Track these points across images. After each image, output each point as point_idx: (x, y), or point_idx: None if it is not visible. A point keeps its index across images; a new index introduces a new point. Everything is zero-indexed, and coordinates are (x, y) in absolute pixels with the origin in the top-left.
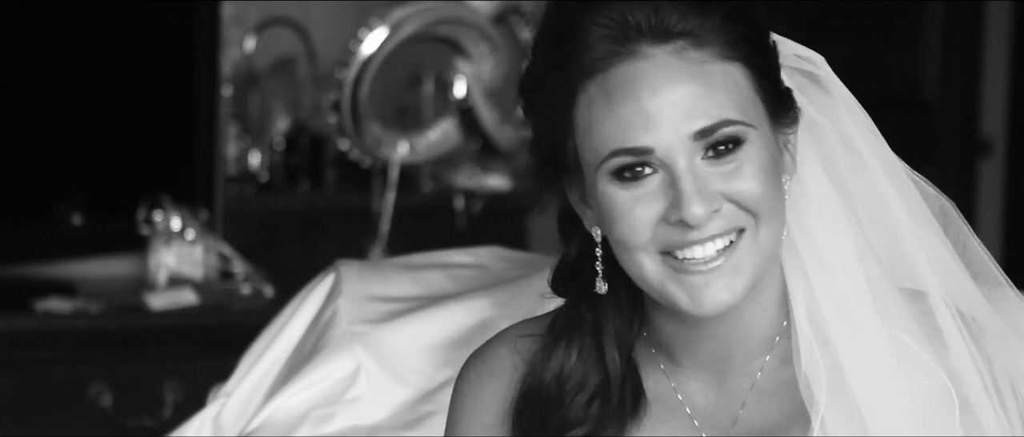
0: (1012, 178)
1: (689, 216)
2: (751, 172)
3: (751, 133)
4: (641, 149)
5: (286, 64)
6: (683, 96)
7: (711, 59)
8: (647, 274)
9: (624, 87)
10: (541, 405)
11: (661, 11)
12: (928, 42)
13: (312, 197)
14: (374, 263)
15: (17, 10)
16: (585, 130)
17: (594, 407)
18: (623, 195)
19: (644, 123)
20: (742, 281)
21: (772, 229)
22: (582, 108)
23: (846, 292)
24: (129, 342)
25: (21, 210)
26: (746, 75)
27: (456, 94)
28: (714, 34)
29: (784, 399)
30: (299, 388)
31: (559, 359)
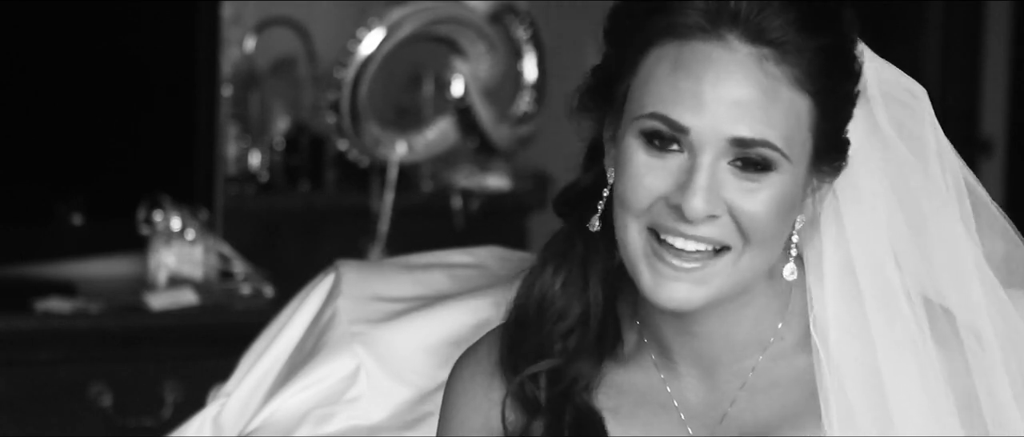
0: (1012, 178)
1: (689, 207)
2: (765, 199)
3: (784, 166)
4: (679, 125)
5: (286, 64)
6: (742, 100)
7: (786, 80)
8: (629, 239)
9: (693, 64)
10: (522, 327)
11: (765, 12)
12: (928, 42)
13: (312, 197)
14: (374, 263)
15: (17, 10)
16: (642, 81)
17: (570, 339)
18: (643, 157)
19: (695, 105)
20: (703, 293)
21: (756, 260)
22: (651, 60)
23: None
24: (129, 342)
25: (21, 210)
26: (810, 111)
27: (454, 93)
28: (801, 59)
29: (775, 399)
30: (299, 388)
31: (545, 283)
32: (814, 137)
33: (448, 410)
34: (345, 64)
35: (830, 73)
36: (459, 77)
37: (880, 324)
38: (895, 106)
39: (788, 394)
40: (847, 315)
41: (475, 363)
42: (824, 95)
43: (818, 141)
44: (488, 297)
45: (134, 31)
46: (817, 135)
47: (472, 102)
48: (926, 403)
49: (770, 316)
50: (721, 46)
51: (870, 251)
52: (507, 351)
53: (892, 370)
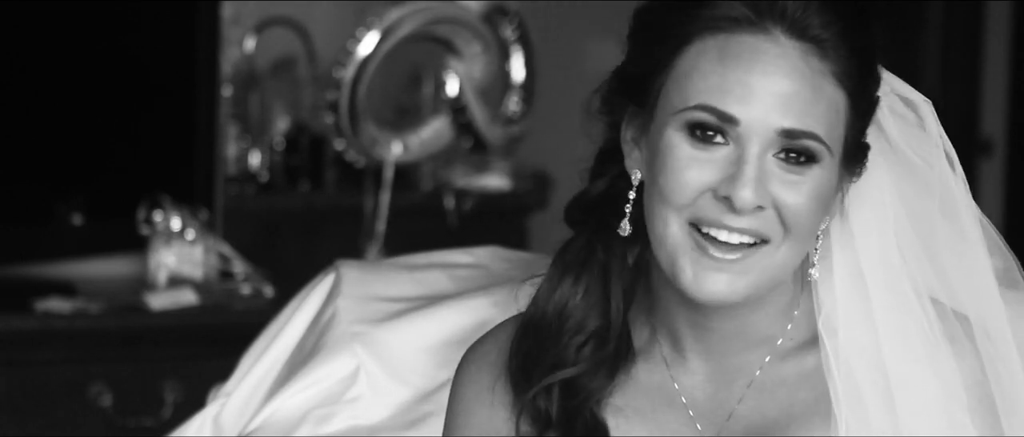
0: (1012, 178)
1: (738, 198)
2: (809, 192)
3: (827, 159)
4: (729, 116)
5: (286, 64)
6: (790, 92)
7: (828, 76)
8: (669, 234)
9: (741, 56)
10: (538, 338)
11: (808, 10)
12: (928, 42)
13: (312, 197)
14: (374, 263)
15: (17, 10)
16: (683, 75)
17: (587, 350)
18: (687, 150)
19: (744, 95)
20: (744, 284)
21: (793, 252)
22: (691, 55)
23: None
24: (129, 342)
25: (21, 210)
26: (847, 108)
27: (449, 93)
28: (841, 55)
29: (782, 398)
30: (299, 388)
31: (564, 293)
32: (846, 134)
33: (455, 403)
34: (344, 64)
35: (862, 74)
36: (454, 77)
37: (887, 322)
38: (898, 115)
39: (795, 393)
40: (855, 314)
41: (481, 357)
42: (857, 93)
43: (849, 139)
44: (488, 297)
45: (134, 31)
46: (849, 132)
47: (467, 102)
48: (935, 401)
49: (782, 314)
50: (768, 39)
51: (876, 251)
52: (521, 360)
53: (899, 368)
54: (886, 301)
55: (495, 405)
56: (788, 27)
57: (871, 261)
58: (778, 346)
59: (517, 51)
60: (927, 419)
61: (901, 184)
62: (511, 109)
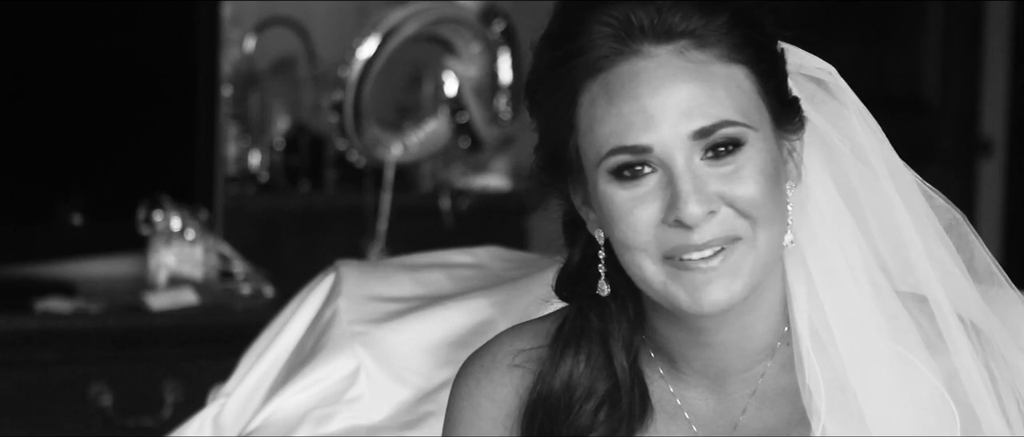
0: (1012, 178)
1: (686, 215)
2: (751, 175)
3: (752, 135)
4: (640, 147)
5: (286, 64)
6: (684, 96)
7: (714, 60)
8: (648, 276)
9: (625, 86)
10: (550, 414)
11: (664, 11)
12: (928, 42)
13: (312, 197)
14: (374, 263)
15: (17, 10)
16: (586, 129)
17: (602, 414)
18: (622, 195)
19: (644, 122)
20: (740, 283)
21: (770, 235)
22: (584, 107)
23: (850, 299)
24: (129, 342)
25: (21, 210)
26: (750, 78)
27: (447, 93)
28: (718, 36)
29: (784, 405)
30: (299, 388)
31: (568, 367)
32: (765, 100)
33: (454, 414)
34: (349, 64)
35: (749, 37)
36: (452, 77)
37: (840, 319)
38: (815, 91)
39: (797, 402)
40: (818, 314)
41: (479, 368)
42: (755, 59)
43: (771, 101)
44: (488, 297)
45: (134, 31)
46: (767, 96)
47: (466, 102)
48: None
49: (777, 317)
50: (641, 58)
51: (821, 246)
52: (539, 433)
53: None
54: (841, 302)
55: (496, 415)
56: (653, 36)
57: (821, 259)
58: (777, 351)
59: (504, 52)
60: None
61: (832, 166)
62: (501, 110)
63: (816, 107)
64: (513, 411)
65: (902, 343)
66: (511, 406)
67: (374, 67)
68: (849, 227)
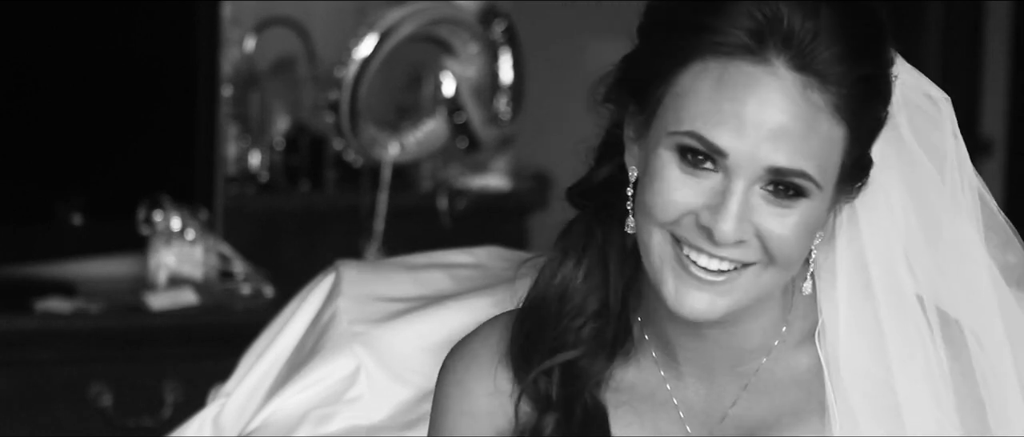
0: (1012, 178)
1: (719, 231)
2: (794, 224)
3: (816, 194)
4: (717, 147)
5: (286, 64)
6: (783, 128)
7: (826, 110)
8: (653, 247)
9: (737, 85)
10: (539, 320)
11: (817, 39)
12: (928, 42)
13: (312, 197)
14: (374, 263)
15: (17, 10)
16: (679, 94)
17: (586, 333)
18: (675, 172)
19: (735, 128)
20: (726, 303)
21: (778, 277)
22: (691, 74)
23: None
24: (129, 342)
25: (21, 210)
26: (845, 138)
27: (445, 93)
28: (841, 88)
29: (775, 398)
30: (299, 388)
31: (566, 275)
32: (843, 162)
33: (442, 400)
34: (345, 64)
35: (867, 101)
36: (450, 77)
37: (891, 324)
38: (916, 112)
39: (788, 393)
40: (857, 315)
41: (467, 353)
42: (859, 122)
43: (847, 168)
44: (488, 297)
45: (134, 31)
46: (847, 162)
47: (464, 103)
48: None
49: (775, 323)
50: (767, 70)
51: (884, 254)
52: (522, 340)
53: (902, 370)
54: (889, 302)
55: (494, 394)
56: (791, 58)
57: (876, 262)
58: (775, 348)
59: (505, 52)
60: (925, 421)
61: (913, 184)
62: (501, 110)
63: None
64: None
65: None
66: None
67: (371, 67)
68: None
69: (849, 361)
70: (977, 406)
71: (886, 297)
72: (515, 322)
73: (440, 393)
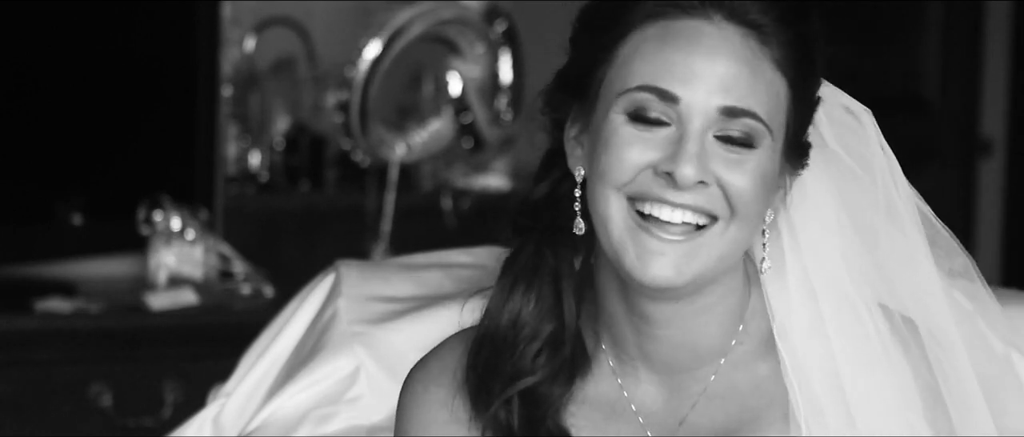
0: (1012, 178)
1: (680, 174)
2: (751, 172)
3: (767, 142)
4: (670, 94)
5: (286, 64)
6: (731, 73)
7: (767, 60)
8: (611, 216)
9: (682, 38)
10: (494, 350)
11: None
12: (928, 42)
13: (312, 197)
14: (374, 263)
15: (17, 10)
16: (623, 62)
17: (543, 358)
18: (628, 130)
19: (685, 75)
20: (693, 267)
21: (740, 235)
22: (632, 42)
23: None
24: (129, 342)
25: (21, 210)
26: (787, 95)
27: (452, 93)
28: (781, 42)
29: (735, 403)
30: (299, 388)
31: (516, 303)
32: (788, 122)
33: (402, 421)
34: (355, 64)
35: (801, 65)
36: (457, 77)
37: (839, 329)
38: (841, 128)
39: (748, 400)
40: (808, 322)
41: (425, 373)
42: (797, 85)
43: (791, 129)
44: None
45: (134, 31)
46: (790, 122)
47: (470, 103)
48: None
49: (730, 321)
50: (708, 23)
51: (823, 260)
52: (479, 374)
53: (852, 372)
54: (836, 308)
55: (451, 422)
56: (728, 13)
57: (820, 270)
58: (731, 350)
59: (505, 53)
60: (884, 425)
61: (843, 190)
62: (502, 110)
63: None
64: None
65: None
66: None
67: (381, 67)
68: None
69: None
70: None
71: (830, 301)
72: (468, 354)
73: (401, 415)
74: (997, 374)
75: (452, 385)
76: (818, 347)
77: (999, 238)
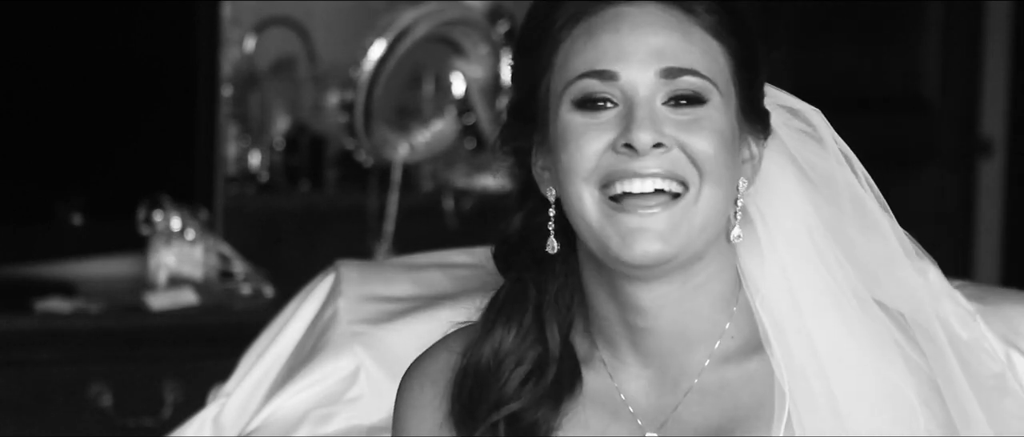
0: (1012, 178)
1: (635, 139)
2: (707, 130)
3: (715, 96)
4: (608, 72)
5: (286, 64)
6: (661, 39)
7: (697, 26)
8: (586, 209)
9: (606, 24)
10: (478, 381)
11: None
12: (928, 42)
13: (312, 197)
14: (374, 263)
15: (17, 10)
16: (561, 64)
17: (529, 385)
18: (579, 120)
19: (617, 53)
20: (677, 239)
21: (715, 195)
22: (564, 46)
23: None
24: (129, 342)
25: (21, 210)
26: (726, 57)
27: (455, 93)
28: (707, 11)
29: (725, 400)
30: (299, 388)
31: (498, 335)
32: (736, 86)
33: (398, 422)
34: (359, 64)
35: (739, 32)
36: (460, 78)
37: (825, 327)
38: (793, 128)
39: (738, 396)
40: (794, 320)
41: (421, 374)
42: (734, 49)
43: (741, 92)
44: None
45: (134, 31)
46: (738, 85)
47: (474, 103)
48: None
49: (719, 310)
50: (631, 5)
51: (798, 254)
52: (464, 402)
53: (843, 372)
54: (821, 306)
55: (445, 423)
56: None
57: (800, 268)
58: (717, 348)
59: (507, 53)
60: (877, 421)
61: (812, 196)
62: (502, 110)
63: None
64: None
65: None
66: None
67: (386, 68)
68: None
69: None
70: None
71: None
72: (453, 385)
73: (397, 413)
74: (998, 374)
75: (447, 385)
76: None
77: (999, 238)
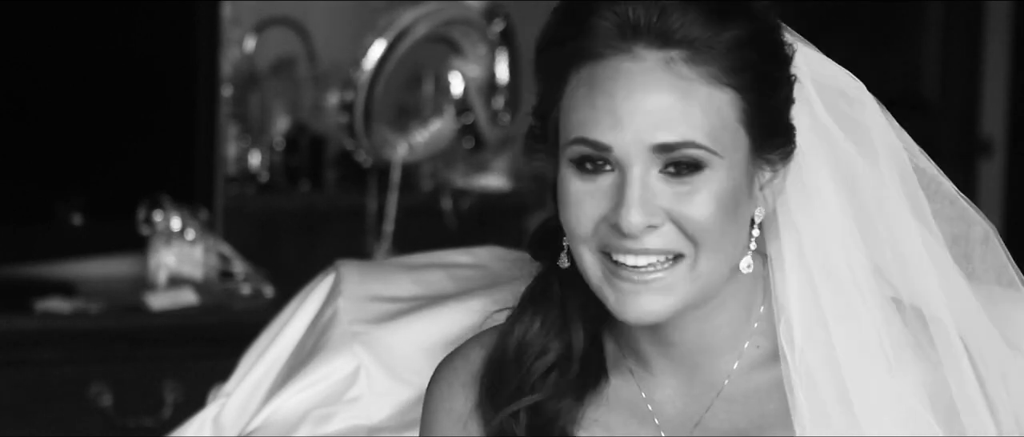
0: (1012, 178)
1: (625, 223)
2: (704, 200)
3: (716, 162)
4: (601, 144)
5: (286, 64)
6: (656, 106)
7: (700, 79)
8: (587, 267)
9: (605, 82)
10: (502, 370)
11: (666, 12)
12: (928, 42)
13: (312, 197)
14: (374, 263)
15: (18, 10)
16: (566, 109)
17: (552, 376)
18: (578, 184)
19: (611, 122)
20: (672, 301)
21: (714, 262)
22: (570, 87)
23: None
24: (129, 342)
25: (21, 210)
26: (735, 105)
27: (454, 93)
28: (713, 54)
29: (752, 407)
30: (299, 388)
31: (524, 326)
32: (747, 129)
33: (428, 418)
34: (359, 64)
35: (750, 63)
36: (459, 77)
37: (839, 323)
38: (833, 97)
39: (765, 403)
40: (809, 315)
41: (451, 371)
42: (749, 86)
43: (754, 131)
44: (488, 297)
45: (134, 31)
46: (751, 126)
47: (472, 103)
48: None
49: (743, 318)
50: (629, 59)
51: (824, 250)
52: (487, 392)
53: (854, 368)
54: (836, 300)
55: (470, 421)
56: (649, 40)
57: (818, 260)
58: (745, 351)
59: (502, 53)
60: (891, 426)
61: (843, 173)
62: (498, 109)
63: (831, 111)
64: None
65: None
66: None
67: (386, 68)
68: (849, 230)
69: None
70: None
71: (832, 294)
72: (480, 376)
73: (426, 410)
74: None
75: (469, 387)
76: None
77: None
